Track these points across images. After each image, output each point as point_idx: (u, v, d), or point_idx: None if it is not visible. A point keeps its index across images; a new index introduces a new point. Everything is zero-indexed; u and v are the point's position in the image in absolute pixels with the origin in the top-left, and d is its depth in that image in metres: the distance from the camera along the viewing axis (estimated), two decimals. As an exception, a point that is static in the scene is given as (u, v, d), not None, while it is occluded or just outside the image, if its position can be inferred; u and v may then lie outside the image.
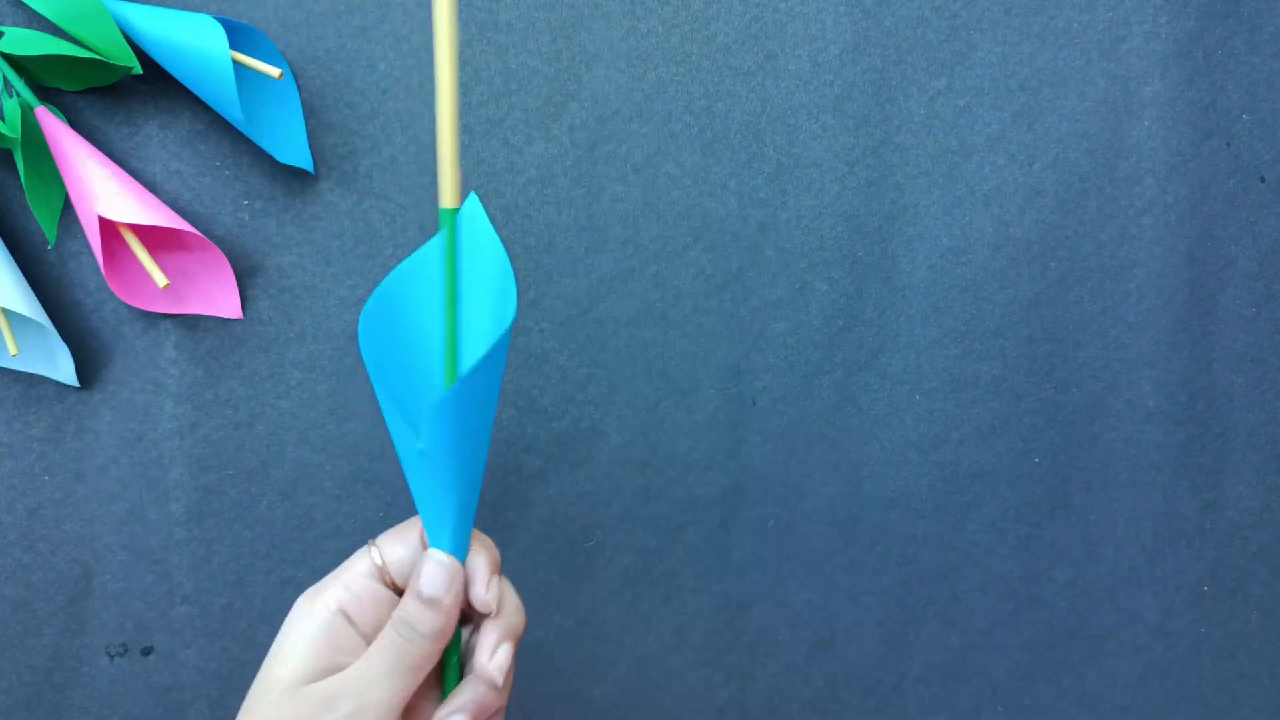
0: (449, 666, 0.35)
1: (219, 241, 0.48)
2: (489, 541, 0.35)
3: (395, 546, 0.35)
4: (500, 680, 0.34)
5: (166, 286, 0.46)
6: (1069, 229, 0.53)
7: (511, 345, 0.50)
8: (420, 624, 0.33)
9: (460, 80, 0.49)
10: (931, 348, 0.52)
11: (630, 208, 0.50)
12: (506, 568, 0.51)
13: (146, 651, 0.49)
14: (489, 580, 0.34)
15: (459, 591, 0.33)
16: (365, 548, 0.35)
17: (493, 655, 0.34)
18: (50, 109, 0.45)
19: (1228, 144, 0.53)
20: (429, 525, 0.34)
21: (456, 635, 0.35)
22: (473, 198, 0.34)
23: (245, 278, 0.49)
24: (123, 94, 0.48)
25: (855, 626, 0.53)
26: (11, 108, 0.44)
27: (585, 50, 0.50)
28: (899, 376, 0.53)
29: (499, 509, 0.51)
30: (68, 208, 0.47)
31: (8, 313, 0.45)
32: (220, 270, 0.48)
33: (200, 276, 0.48)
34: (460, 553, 0.34)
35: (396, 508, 0.50)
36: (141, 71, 0.45)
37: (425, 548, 0.34)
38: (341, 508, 0.50)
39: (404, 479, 0.50)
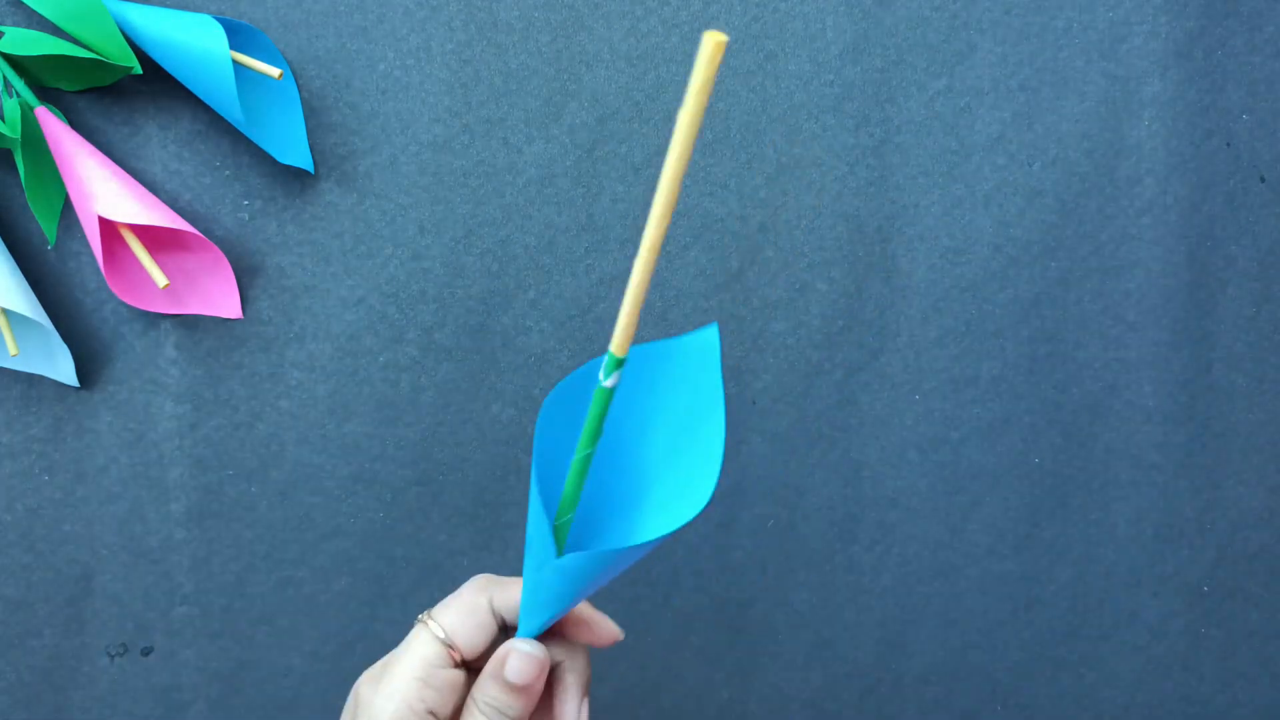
0: None
1: (219, 241, 0.48)
2: (585, 654, 0.35)
3: (459, 620, 0.34)
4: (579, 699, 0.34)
5: (166, 286, 0.46)
6: (1069, 229, 0.53)
7: (512, 345, 0.50)
8: (511, 710, 0.33)
9: (460, 80, 0.49)
10: (931, 348, 0.52)
11: (630, 208, 0.50)
12: (506, 569, 0.51)
13: (146, 651, 0.49)
14: (603, 616, 0.35)
15: (544, 674, 0.33)
16: (420, 629, 0.34)
17: (579, 715, 0.34)
18: (50, 109, 0.45)
19: (1228, 144, 0.53)
20: (527, 610, 0.33)
21: None
22: (712, 329, 0.32)
23: (245, 278, 0.49)
24: (123, 94, 0.48)
25: (855, 626, 0.53)
26: (11, 108, 0.44)
27: (585, 50, 0.50)
28: (899, 376, 0.52)
29: (499, 509, 0.51)
30: (68, 208, 0.47)
31: (8, 313, 0.45)
32: (220, 270, 0.48)
33: (200, 276, 0.48)
34: (538, 633, 0.34)
35: (396, 508, 0.50)
36: (141, 71, 0.45)
37: (494, 618, 0.34)
38: (341, 508, 0.50)
39: (399, 483, 0.50)
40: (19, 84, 0.44)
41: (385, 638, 0.51)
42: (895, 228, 0.52)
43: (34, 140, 0.45)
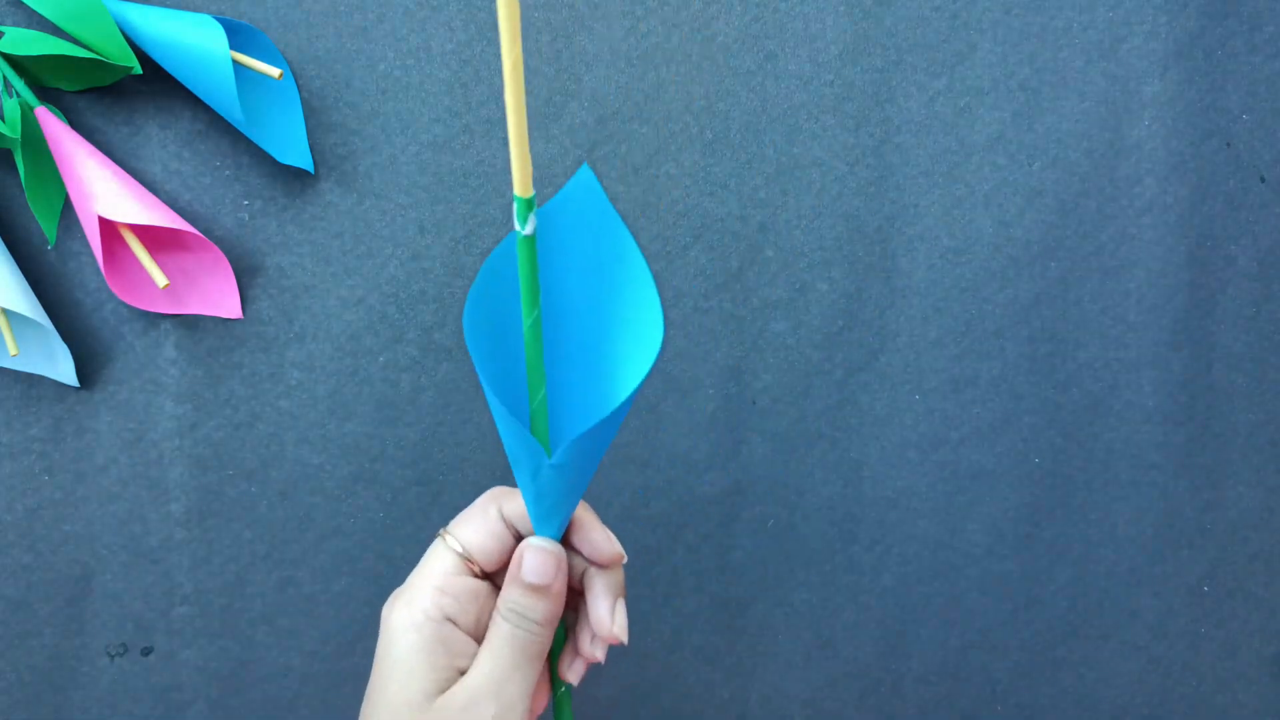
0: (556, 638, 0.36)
1: (219, 241, 0.48)
2: (586, 503, 0.35)
3: (473, 532, 0.34)
4: (626, 638, 0.34)
5: (166, 286, 0.46)
6: (1069, 229, 0.53)
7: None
8: (533, 612, 0.32)
9: (460, 80, 0.49)
10: (931, 348, 0.52)
11: (630, 208, 0.50)
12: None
13: (146, 651, 0.49)
14: (607, 532, 0.34)
15: (564, 573, 0.33)
16: (438, 543, 0.34)
17: (614, 616, 0.34)
18: (50, 109, 0.45)
19: (1228, 144, 0.53)
20: (538, 519, 0.33)
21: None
22: (585, 170, 0.32)
23: (245, 278, 0.49)
24: (123, 94, 0.48)
25: (855, 626, 0.53)
26: (11, 108, 0.44)
27: (585, 50, 0.50)
28: (899, 376, 0.52)
29: (499, 509, 0.51)
30: (68, 208, 0.47)
31: (8, 313, 0.45)
32: (220, 270, 0.48)
33: (200, 276, 0.48)
34: (558, 534, 0.33)
35: (396, 507, 0.50)
36: (141, 71, 0.45)
37: (507, 526, 0.34)
38: (341, 508, 0.50)
39: (399, 483, 0.50)
40: (19, 84, 0.44)
41: (385, 638, 0.51)
42: (895, 228, 0.52)
43: (34, 140, 0.45)
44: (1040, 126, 0.52)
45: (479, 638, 0.33)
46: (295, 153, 0.48)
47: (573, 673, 0.36)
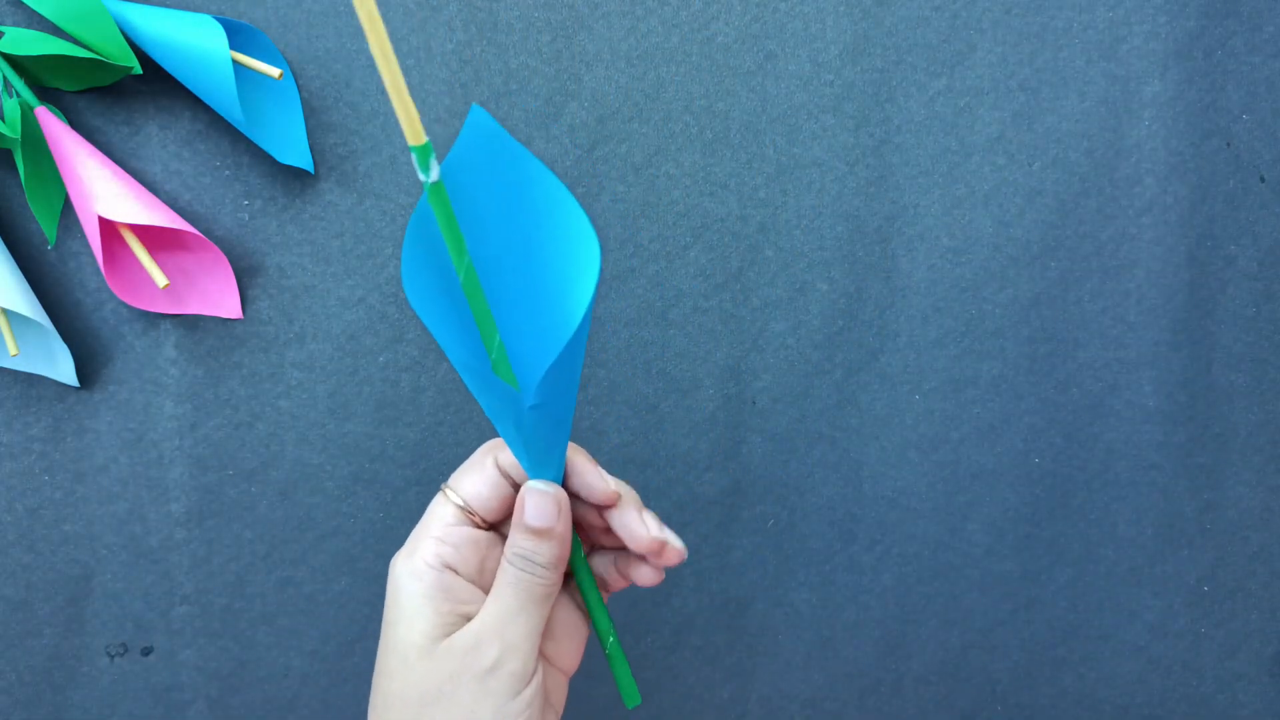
0: (586, 590, 0.36)
1: (219, 241, 0.48)
2: (578, 447, 0.35)
3: (471, 483, 0.34)
4: (666, 534, 0.34)
5: (166, 286, 0.46)
6: (1069, 229, 0.53)
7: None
8: (537, 555, 0.33)
9: (460, 80, 0.49)
10: (931, 348, 0.52)
11: (630, 208, 0.50)
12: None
13: (146, 651, 0.49)
14: (599, 471, 0.34)
15: (568, 515, 0.33)
16: (439, 496, 0.34)
17: (646, 524, 0.34)
18: (50, 109, 0.45)
19: (1228, 144, 0.53)
20: (528, 463, 0.33)
21: (578, 551, 0.35)
22: (476, 111, 0.31)
23: (245, 278, 0.49)
24: (123, 94, 0.48)
25: (855, 626, 0.53)
26: (11, 108, 0.44)
27: (585, 50, 0.50)
28: (899, 376, 0.52)
29: (499, 509, 0.51)
30: (68, 208, 0.47)
31: (8, 313, 0.45)
32: (220, 270, 0.48)
33: (200, 276, 0.48)
34: (558, 477, 0.34)
35: (396, 507, 0.50)
36: (141, 71, 0.45)
37: (503, 476, 0.34)
38: (341, 508, 0.50)
39: (399, 483, 0.50)
40: (19, 84, 0.44)
41: (385, 638, 0.51)
42: (895, 228, 0.52)
43: (34, 140, 0.45)
44: (1040, 126, 0.52)
45: (484, 586, 0.34)
46: (295, 153, 0.48)
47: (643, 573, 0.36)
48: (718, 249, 0.51)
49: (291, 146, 0.48)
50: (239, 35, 0.46)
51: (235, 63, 0.45)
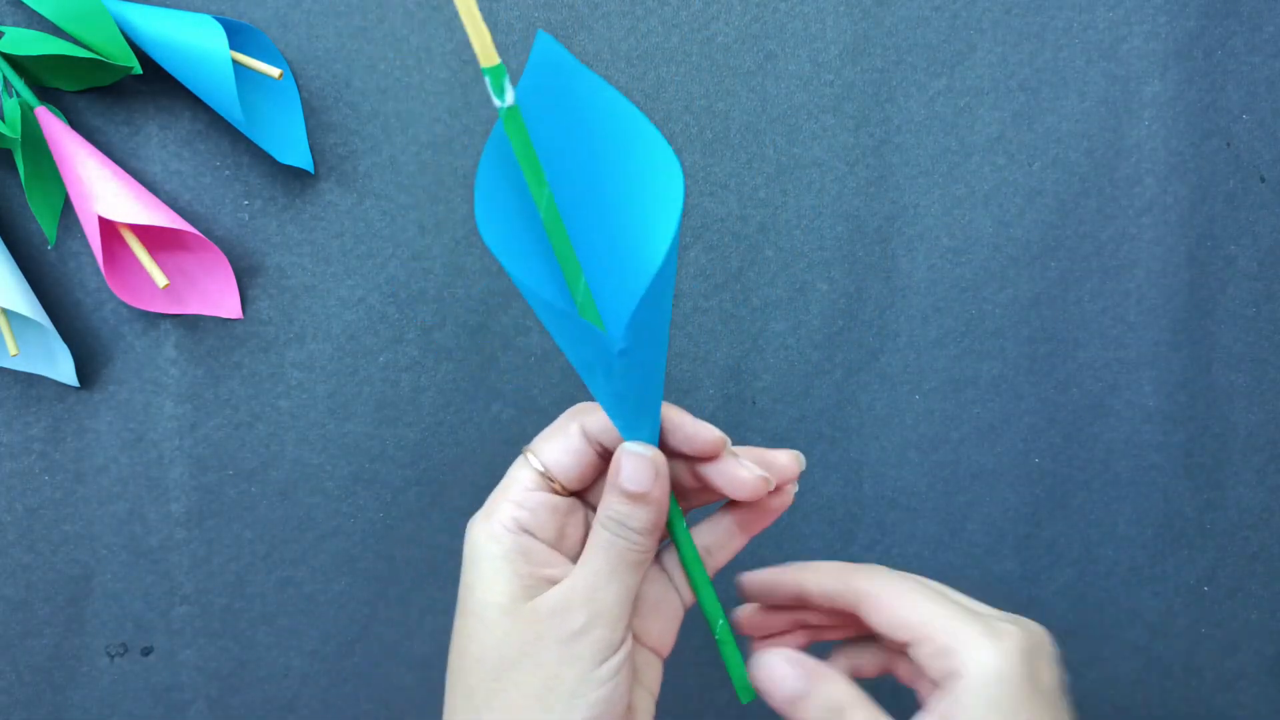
0: (689, 564, 0.34)
1: (219, 241, 0.48)
2: (669, 403, 0.33)
3: (553, 450, 0.33)
4: (776, 456, 0.33)
5: (166, 286, 0.46)
6: (1069, 229, 0.53)
7: (512, 345, 0.50)
8: (632, 520, 0.31)
9: (460, 80, 0.49)
10: (931, 348, 0.52)
11: (630, 208, 0.50)
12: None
13: (146, 651, 0.49)
14: (696, 422, 0.33)
15: (665, 480, 0.32)
16: (520, 460, 0.33)
17: (745, 467, 0.33)
18: (50, 109, 0.45)
19: (1228, 144, 0.53)
20: (622, 422, 0.31)
21: (679, 522, 0.34)
22: (542, 38, 0.29)
23: (245, 278, 0.49)
24: (123, 94, 0.48)
25: (855, 626, 0.53)
26: (11, 108, 0.44)
27: (585, 50, 0.50)
28: (899, 376, 0.52)
29: (499, 509, 0.51)
30: (68, 208, 0.47)
31: (8, 313, 0.45)
32: (220, 270, 0.48)
33: (200, 276, 0.48)
34: (654, 438, 0.32)
35: (396, 508, 0.50)
36: (141, 71, 0.45)
37: (589, 444, 0.33)
38: (341, 508, 0.50)
39: (399, 483, 0.50)
40: (19, 84, 0.44)
41: (385, 638, 0.51)
42: (895, 228, 0.52)
43: (34, 140, 0.45)
44: (1040, 126, 0.52)
45: (564, 552, 0.33)
46: (295, 153, 0.48)
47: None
48: (718, 249, 0.51)
49: (291, 146, 0.48)
50: (239, 35, 0.46)
51: (235, 63, 0.45)
